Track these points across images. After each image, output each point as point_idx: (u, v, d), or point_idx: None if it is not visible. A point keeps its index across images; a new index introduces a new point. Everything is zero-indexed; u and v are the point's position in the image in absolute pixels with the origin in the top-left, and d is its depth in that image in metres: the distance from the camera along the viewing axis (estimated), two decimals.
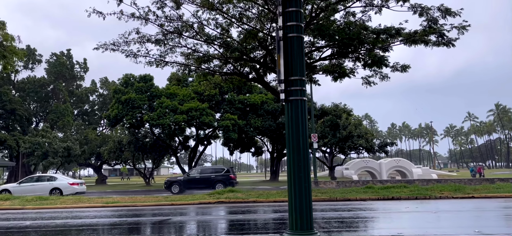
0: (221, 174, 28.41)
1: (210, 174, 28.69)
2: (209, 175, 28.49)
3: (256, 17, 18.73)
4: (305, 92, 4.90)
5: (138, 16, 17.71)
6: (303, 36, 5.03)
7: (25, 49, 53.72)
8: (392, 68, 19.85)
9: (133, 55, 19.15)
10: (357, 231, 9.73)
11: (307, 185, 4.53)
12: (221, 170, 29.54)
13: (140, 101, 39.65)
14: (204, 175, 28.61)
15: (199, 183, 27.44)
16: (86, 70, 68.06)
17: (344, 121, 39.69)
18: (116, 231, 10.69)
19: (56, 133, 53.95)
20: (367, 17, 18.60)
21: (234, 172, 30.15)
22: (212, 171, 29.54)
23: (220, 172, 28.87)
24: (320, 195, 17.79)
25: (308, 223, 4.44)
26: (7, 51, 22.18)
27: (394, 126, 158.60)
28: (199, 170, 30.51)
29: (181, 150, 49.92)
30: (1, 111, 56.70)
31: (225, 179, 27.68)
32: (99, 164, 59.39)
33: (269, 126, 40.34)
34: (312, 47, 20.51)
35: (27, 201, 18.52)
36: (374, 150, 42.54)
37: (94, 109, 69.02)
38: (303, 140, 4.63)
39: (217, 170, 29.91)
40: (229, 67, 21.46)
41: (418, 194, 17.62)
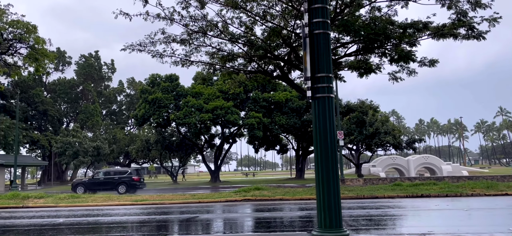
0: (124, 176, 29.47)
1: (113, 176, 29.77)
2: (112, 177, 29.58)
3: (280, 15, 18.66)
4: (332, 89, 4.86)
5: (163, 17, 17.93)
6: (330, 33, 4.99)
7: (55, 52, 55.38)
8: (419, 63, 19.40)
9: (159, 56, 19.41)
10: (386, 229, 9.59)
11: (336, 183, 4.50)
12: (125, 172, 30.62)
13: (166, 101, 40.22)
14: (108, 177, 29.69)
15: (103, 185, 28.54)
16: (113, 71, 69.60)
17: (370, 117, 39.09)
18: (145, 229, 10.90)
19: (86, 133, 55.40)
20: (393, 12, 18.24)
21: (140, 174, 31.20)
22: (115, 173, 30.60)
23: (123, 174, 29.93)
24: (347, 192, 17.61)
25: (337, 220, 4.40)
26: (39, 54, 22.87)
27: (422, 122, 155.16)
28: (104, 172, 31.51)
29: (207, 148, 50.38)
30: (34, 113, 58.61)
31: (127, 180, 28.87)
32: (127, 162, 60.61)
33: (294, 124, 40.19)
34: (337, 43, 20.28)
35: (60, 199, 19.11)
36: (402, 146, 41.73)
37: (121, 109, 70.49)
38: (331, 138, 4.60)
39: (121, 172, 31.06)
40: (253, 66, 21.48)
41: (449, 192, 17.21)
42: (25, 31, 21.67)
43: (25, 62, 23.41)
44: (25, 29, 21.64)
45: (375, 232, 8.99)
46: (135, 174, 29.65)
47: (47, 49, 23.44)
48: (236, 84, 29.20)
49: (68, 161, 48.00)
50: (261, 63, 21.07)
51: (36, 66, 23.43)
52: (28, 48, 22.60)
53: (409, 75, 20.21)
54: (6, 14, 21.59)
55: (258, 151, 49.44)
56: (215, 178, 44.37)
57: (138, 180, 29.30)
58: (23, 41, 22.20)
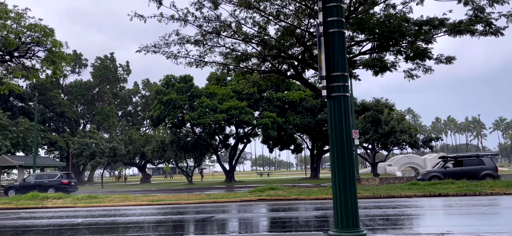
0: (54, 179, 30.66)
1: (43, 180, 30.83)
2: (42, 181, 30.62)
3: (294, 14, 18.62)
4: (348, 88, 4.83)
5: (177, 18, 18.07)
6: (345, 31, 4.96)
7: (72, 54, 56.26)
8: (435, 60, 19.14)
9: (174, 57, 19.57)
10: (403, 228, 9.48)
11: (352, 182, 4.47)
12: (54, 176, 31.82)
13: (181, 102, 40.49)
14: (38, 181, 30.60)
15: (33, 188, 28.82)
16: (128, 72, 70.41)
17: (386, 116, 38.69)
18: (161, 229, 10.99)
19: (102, 134, 56.13)
20: (408, 9, 18.05)
21: (70, 177, 32.07)
22: (47, 177, 31.79)
23: (53, 178, 31.11)
24: (363, 192, 17.47)
25: (354, 220, 4.37)
26: (56, 56, 23.20)
27: (438, 120, 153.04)
28: (35, 176, 32.37)
29: (221, 148, 50.57)
30: (51, 115, 59.68)
31: (57, 184, 29.94)
32: (143, 163, 61.21)
33: (308, 123, 40.06)
34: (352, 42, 20.14)
35: (78, 199, 19.40)
36: (418, 145, 41.20)
37: (137, 110, 71.25)
38: (347, 137, 4.56)
39: (50, 176, 32.25)
40: (267, 65, 21.48)
41: (467, 190, 16.94)
42: (42, 34, 22.04)
43: (43, 65, 23.80)
44: (42, 33, 22.00)
45: (392, 232, 8.90)
46: (65, 178, 31.11)
47: (64, 52, 23.79)
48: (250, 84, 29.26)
49: (85, 161, 48.71)
50: (274, 63, 21.05)
51: (53, 69, 23.78)
52: (46, 51, 22.98)
53: (425, 72, 19.96)
54: (24, 18, 21.99)
55: (273, 151, 49.45)
56: (230, 178, 44.49)
57: (68, 183, 30.55)
58: (40, 44, 22.58)
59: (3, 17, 20.95)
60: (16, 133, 46.27)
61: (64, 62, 24.10)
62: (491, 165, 23.36)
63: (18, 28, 21.45)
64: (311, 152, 47.32)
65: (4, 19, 20.96)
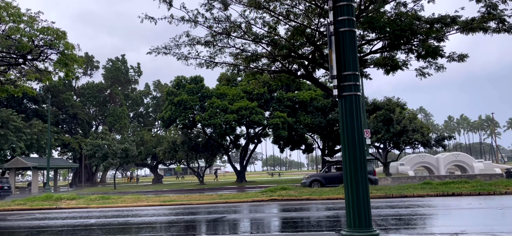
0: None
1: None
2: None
3: (304, 13, 18.57)
4: (359, 87, 4.80)
5: (187, 20, 18.14)
6: (355, 30, 4.93)
7: (84, 57, 56.85)
8: (448, 58, 18.91)
9: (184, 58, 19.65)
10: (416, 228, 9.40)
11: (364, 181, 4.44)
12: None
13: (191, 102, 40.65)
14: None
15: None
16: (140, 74, 70.93)
17: (397, 115, 38.36)
18: (174, 229, 11.05)
19: (114, 135, 56.63)
20: (419, 7, 17.86)
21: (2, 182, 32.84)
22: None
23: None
24: (375, 192, 17.36)
25: (366, 220, 4.35)
26: (68, 59, 23.41)
27: (451, 119, 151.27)
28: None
29: (232, 149, 50.64)
30: (64, 116, 60.38)
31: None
32: (155, 164, 61.60)
33: (319, 123, 39.92)
34: (362, 41, 20.01)
35: (91, 200, 19.61)
36: (431, 144, 40.74)
37: (148, 111, 71.74)
38: (359, 136, 4.54)
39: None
40: (277, 65, 21.45)
41: (481, 190, 16.73)
42: (55, 37, 22.27)
43: (55, 67, 24.03)
44: (55, 36, 22.23)
45: (405, 232, 8.84)
46: None
47: (76, 54, 23.99)
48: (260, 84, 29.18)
49: (97, 163, 49.14)
50: (285, 63, 21.02)
51: (66, 71, 24.00)
52: (58, 54, 23.21)
53: (437, 71, 19.76)
54: (36, 21, 22.24)
55: (284, 151, 49.33)
56: (241, 178, 44.54)
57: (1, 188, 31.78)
58: (53, 47, 22.80)
59: (16, 20, 21.23)
60: (30, 134, 46.93)
61: (76, 64, 24.30)
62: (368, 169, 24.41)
63: (31, 31, 21.70)
64: (322, 152, 47.12)
65: (18, 23, 21.24)
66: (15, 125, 45.26)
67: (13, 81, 26.37)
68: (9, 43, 21.66)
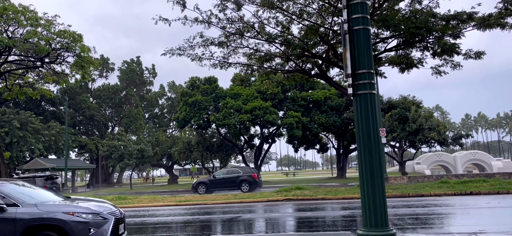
0: None
1: None
2: None
3: (317, 12, 18.49)
4: (374, 85, 4.77)
5: (201, 20, 18.23)
6: (370, 28, 4.90)
7: (99, 59, 57.63)
8: (464, 55, 18.60)
9: (198, 59, 19.74)
10: (433, 228, 9.28)
11: (380, 181, 4.41)
12: None
13: (206, 103, 40.85)
14: None
15: None
16: (154, 75, 71.57)
17: (413, 113, 37.90)
18: (189, 229, 11.12)
19: (130, 136, 57.22)
20: (434, 4, 17.60)
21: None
22: None
23: None
24: (391, 191, 17.19)
25: (383, 219, 4.31)
26: (84, 61, 23.77)
27: (468, 117, 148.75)
28: None
29: (247, 149, 50.71)
30: (81, 118, 61.30)
31: None
32: (170, 164, 62.05)
33: (333, 122, 39.69)
34: (377, 39, 19.83)
35: (108, 200, 19.84)
36: (448, 142, 40.13)
37: (163, 112, 72.31)
38: (374, 135, 4.51)
39: None
40: (291, 65, 21.40)
41: (500, 189, 16.42)
42: (71, 40, 22.65)
43: (72, 70, 24.46)
44: (71, 39, 22.60)
45: (423, 231, 8.73)
46: None
47: (92, 57, 24.36)
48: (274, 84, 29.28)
49: (114, 163, 49.77)
50: (298, 62, 20.96)
51: (82, 74, 24.39)
52: (75, 57, 23.60)
53: (454, 68, 19.44)
54: (53, 24, 22.65)
55: (298, 150, 49.20)
56: None
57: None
58: (69, 50, 23.19)
59: (34, 24, 21.65)
60: (48, 136, 47.78)
61: (93, 66, 24.68)
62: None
63: (48, 35, 22.11)
64: (337, 151, 46.85)
65: (35, 27, 21.66)
66: (33, 127, 46.12)
67: (31, 84, 26.89)
68: (27, 47, 22.08)
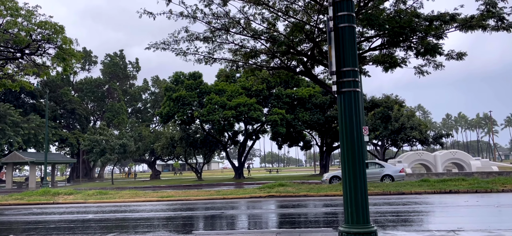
0: None
1: None
2: None
3: (303, 10, 18.53)
4: (358, 83, 4.78)
5: (186, 15, 18.09)
6: (355, 26, 4.91)
7: (82, 51, 56.65)
8: (447, 56, 18.91)
9: (183, 54, 19.59)
10: (413, 225, 9.41)
11: (363, 178, 4.43)
12: None
13: (190, 98, 40.58)
14: None
15: None
16: (138, 69, 70.74)
17: (396, 112, 38.42)
18: (171, 225, 11.04)
19: (112, 131, 56.49)
20: (418, 4, 17.84)
21: None
22: None
23: None
24: (373, 188, 17.37)
25: (364, 216, 4.33)
26: (66, 53, 23.34)
27: (449, 117, 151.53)
28: None
29: (230, 145, 50.61)
30: (62, 111, 60.22)
31: None
32: (153, 159, 61.52)
33: (317, 120, 39.92)
34: (361, 38, 19.99)
35: (89, 195, 19.57)
36: (429, 142, 40.85)
37: (146, 107, 71.59)
38: (357, 132, 4.52)
39: None
40: (276, 62, 21.43)
41: (478, 187, 16.76)
42: (53, 31, 22.20)
43: (53, 62, 23.98)
44: (53, 30, 22.16)
45: (403, 229, 8.84)
46: None
47: (74, 49, 23.93)
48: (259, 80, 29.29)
49: (95, 158, 49.08)
50: (284, 59, 21.00)
51: (64, 66, 23.95)
52: (56, 48, 23.14)
53: (436, 68, 19.75)
54: (34, 15, 22.16)
55: (282, 147, 49.34)
56: (239, 174, 44.55)
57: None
58: (51, 41, 22.74)
59: (14, 14, 21.14)
60: (27, 129, 46.82)
61: (74, 59, 24.25)
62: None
63: (29, 26, 21.63)
64: (321, 149, 47.18)
65: (15, 17, 21.16)
66: (12, 120, 45.13)
67: (10, 76, 26.28)
68: (7, 37, 21.56)
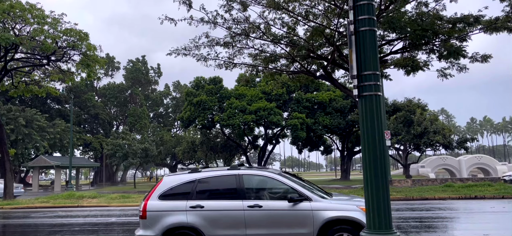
0: None
1: None
2: None
3: (323, 14, 18.44)
4: (380, 87, 4.74)
5: (207, 21, 18.23)
6: (376, 29, 4.88)
7: (105, 58, 57.82)
8: (471, 59, 18.48)
9: (203, 59, 19.73)
10: (437, 231, 9.23)
11: (385, 183, 4.38)
12: None
13: (210, 103, 40.89)
14: None
15: None
16: (159, 75, 71.71)
17: (418, 116, 37.75)
18: None
19: (135, 135, 57.36)
20: (441, 6, 17.52)
21: None
22: None
23: None
24: (395, 194, 17.12)
25: (387, 222, 4.28)
26: (90, 60, 23.86)
27: (474, 120, 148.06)
28: None
29: (250, 149, 50.70)
30: (86, 116, 61.53)
31: None
32: (174, 163, 62.17)
33: (338, 124, 39.60)
34: (382, 41, 19.76)
35: (112, 199, 19.91)
36: (453, 146, 39.93)
37: (168, 111, 72.45)
38: (379, 137, 4.48)
39: None
40: (296, 66, 21.35)
41: (505, 193, 16.32)
42: (78, 38, 22.75)
43: (78, 68, 24.56)
44: (77, 37, 22.71)
45: (426, 235, 8.68)
46: None
47: (98, 55, 24.46)
48: (278, 85, 29.17)
49: (118, 162, 49.90)
50: (303, 63, 20.92)
51: (88, 72, 24.49)
52: (81, 55, 23.70)
53: (460, 71, 19.32)
54: (60, 23, 22.76)
55: (302, 152, 49.13)
56: None
57: None
58: (76, 48, 23.30)
59: (41, 22, 21.76)
60: (53, 134, 48.00)
61: (98, 65, 24.77)
62: None
63: (55, 33, 22.22)
64: (341, 153, 46.74)
65: (42, 24, 21.77)
66: (39, 125, 46.35)
67: (37, 82, 27.03)
68: (34, 45, 22.20)
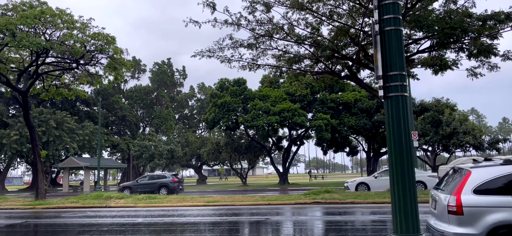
0: None
1: None
2: None
3: (347, 13, 18.25)
4: (406, 87, 4.63)
5: (230, 23, 18.34)
6: (402, 29, 4.77)
7: (132, 60, 58.93)
8: (502, 57, 17.91)
9: (227, 60, 19.86)
10: None
11: (412, 185, 4.28)
12: None
13: (234, 104, 41.06)
14: None
15: None
16: (185, 77, 72.60)
17: (447, 116, 36.75)
18: (217, 230, 11.18)
19: (161, 136, 58.23)
20: (470, 3, 17.04)
21: None
22: None
23: None
24: (423, 196, 16.71)
25: (414, 225, 4.18)
26: (117, 63, 24.39)
27: (506, 120, 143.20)
28: None
29: (275, 150, 50.62)
30: (113, 118, 62.85)
31: None
32: (199, 165, 62.72)
33: (363, 124, 39.03)
34: (409, 40, 19.39)
35: (139, 199, 20.25)
36: (484, 147, 38.64)
37: (193, 113, 73.24)
38: (406, 138, 4.38)
39: None
40: (320, 66, 21.20)
41: None
42: (105, 42, 23.27)
43: (105, 71, 25.15)
44: (105, 41, 23.23)
45: None
46: None
47: (124, 59, 24.97)
48: (302, 86, 29.02)
49: (144, 163, 50.75)
50: (328, 64, 20.74)
51: (115, 75, 25.01)
52: (108, 58, 24.24)
53: (491, 70, 18.75)
54: (88, 27, 23.34)
55: (327, 153, 48.66)
56: (284, 180, 44.42)
57: None
58: (103, 52, 23.85)
59: (70, 27, 22.38)
60: (82, 135, 49.24)
61: (125, 68, 25.27)
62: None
63: (83, 37, 22.80)
64: (367, 154, 46.05)
65: (71, 29, 22.39)
66: (69, 126, 47.65)
67: (67, 85, 27.80)
68: (63, 49, 22.83)
